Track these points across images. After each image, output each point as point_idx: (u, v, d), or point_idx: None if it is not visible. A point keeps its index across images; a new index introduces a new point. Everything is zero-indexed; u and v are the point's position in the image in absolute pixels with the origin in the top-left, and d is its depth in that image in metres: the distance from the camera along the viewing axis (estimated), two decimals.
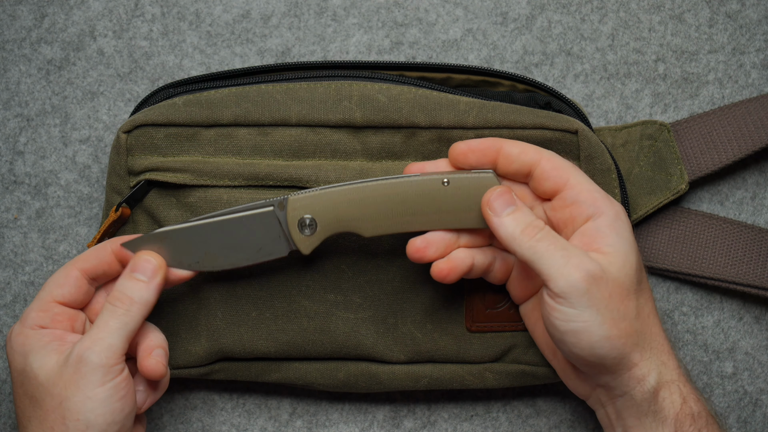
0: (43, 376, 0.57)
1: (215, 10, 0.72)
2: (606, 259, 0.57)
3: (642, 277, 0.59)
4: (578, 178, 0.59)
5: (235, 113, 0.65)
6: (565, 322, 0.56)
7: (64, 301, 0.60)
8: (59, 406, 0.57)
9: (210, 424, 0.72)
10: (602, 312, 0.56)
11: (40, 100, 0.72)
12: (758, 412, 0.72)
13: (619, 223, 0.58)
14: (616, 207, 0.59)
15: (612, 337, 0.56)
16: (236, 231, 0.61)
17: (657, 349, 0.58)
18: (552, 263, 0.56)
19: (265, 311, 0.66)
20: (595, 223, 0.58)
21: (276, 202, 0.60)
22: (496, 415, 0.72)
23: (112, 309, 0.59)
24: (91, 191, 0.72)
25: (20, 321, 0.60)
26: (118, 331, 0.58)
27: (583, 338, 0.56)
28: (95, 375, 0.57)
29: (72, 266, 0.61)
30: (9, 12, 0.73)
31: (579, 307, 0.56)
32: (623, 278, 0.57)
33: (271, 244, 0.61)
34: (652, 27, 0.72)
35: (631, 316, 0.57)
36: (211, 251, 0.61)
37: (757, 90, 0.73)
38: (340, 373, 0.67)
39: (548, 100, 0.67)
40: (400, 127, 0.65)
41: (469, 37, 0.72)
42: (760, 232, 0.70)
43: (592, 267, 0.56)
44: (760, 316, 0.72)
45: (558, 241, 0.57)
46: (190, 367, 0.67)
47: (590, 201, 0.58)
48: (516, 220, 0.58)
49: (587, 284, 0.55)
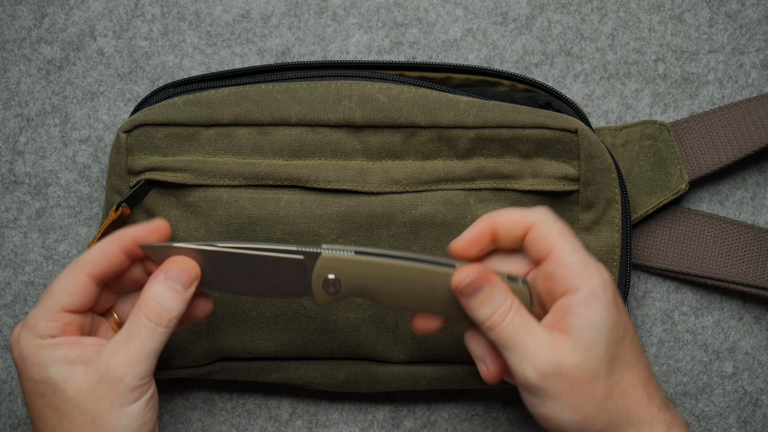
0: (71, 390, 0.55)
1: (215, 10, 0.72)
2: (570, 343, 0.55)
3: (619, 352, 0.56)
4: (561, 249, 0.57)
5: (235, 113, 0.65)
6: (531, 406, 0.57)
7: (73, 309, 0.57)
8: (92, 421, 0.55)
9: (210, 424, 0.72)
10: (563, 401, 0.55)
11: (40, 100, 0.72)
12: (758, 412, 0.72)
13: (593, 300, 0.56)
14: (594, 281, 0.56)
15: (576, 422, 0.55)
16: (259, 266, 0.58)
17: (635, 422, 0.56)
18: (511, 356, 0.56)
19: (265, 311, 0.66)
20: (567, 301, 0.56)
21: (308, 254, 0.57)
22: (496, 415, 0.72)
23: (152, 327, 0.56)
24: (91, 191, 0.72)
25: (28, 329, 0.57)
26: (156, 352, 0.56)
27: (549, 423, 0.56)
28: (132, 395, 0.55)
29: (80, 272, 0.57)
30: (9, 12, 0.73)
31: (539, 396, 0.56)
32: (587, 364, 0.55)
33: (288, 286, 0.58)
34: (652, 27, 0.73)
35: (598, 398, 0.55)
36: (228, 276, 0.58)
37: (757, 90, 0.73)
38: (340, 373, 0.67)
39: (548, 100, 0.67)
40: (399, 126, 0.65)
41: (469, 37, 0.72)
42: (760, 232, 0.70)
43: (547, 364, 0.55)
44: (760, 316, 0.72)
45: (518, 331, 0.56)
46: (190, 367, 0.67)
47: (566, 276, 0.56)
48: (482, 305, 0.56)
49: (543, 381, 0.55)
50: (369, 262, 0.57)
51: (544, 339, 0.56)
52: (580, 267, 0.56)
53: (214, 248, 0.57)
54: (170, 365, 0.67)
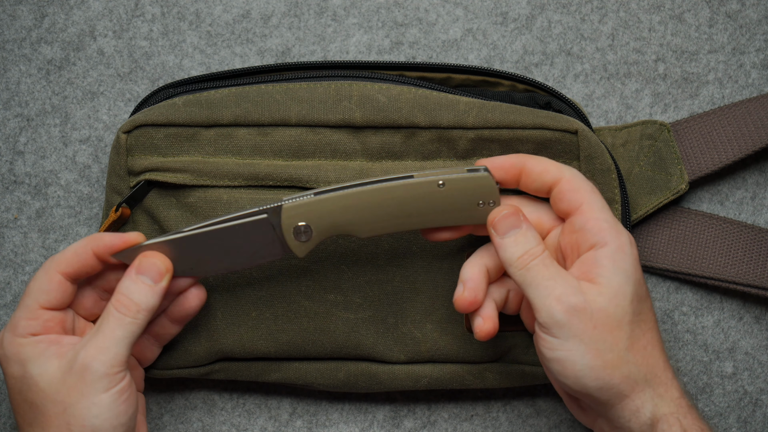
0: (44, 382, 0.57)
1: (215, 10, 0.72)
2: (596, 289, 0.56)
3: (642, 309, 0.58)
4: (591, 205, 0.59)
5: (235, 113, 0.65)
6: (550, 350, 0.57)
7: (50, 306, 0.59)
8: (63, 412, 0.56)
9: (210, 424, 0.72)
10: (586, 342, 0.56)
11: (40, 100, 0.72)
12: (758, 412, 0.72)
13: (620, 255, 0.57)
14: (622, 238, 0.58)
15: (596, 368, 0.56)
16: (229, 238, 0.60)
17: (653, 381, 0.57)
18: (537, 293, 0.56)
19: (265, 311, 0.66)
20: (595, 253, 0.57)
21: (270, 210, 0.59)
22: (496, 415, 0.72)
23: (119, 317, 0.58)
24: (91, 191, 0.72)
25: (9, 329, 0.59)
26: (124, 341, 0.58)
27: (567, 367, 0.56)
28: (101, 383, 0.57)
29: (53, 270, 0.59)
30: (9, 12, 0.73)
31: (562, 336, 0.56)
32: (612, 309, 0.56)
33: (265, 249, 0.60)
34: (652, 27, 0.72)
35: (620, 347, 0.56)
36: (204, 258, 0.60)
37: (757, 90, 0.72)
38: (340, 372, 0.67)
39: (548, 100, 0.67)
40: (399, 127, 0.65)
41: (469, 37, 0.72)
42: (760, 232, 0.70)
43: (575, 300, 0.56)
44: (760, 316, 0.72)
45: (548, 270, 0.57)
46: (190, 367, 0.67)
47: (596, 230, 0.58)
48: (516, 244, 0.58)
49: (567, 316, 0.55)
50: (330, 198, 0.58)
51: (572, 282, 0.57)
52: (610, 223, 0.58)
53: (182, 234, 0.59)
54: (170, 365, 0.67)
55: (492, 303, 0.61)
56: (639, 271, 0.58)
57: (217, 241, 0.60)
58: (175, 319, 0.64)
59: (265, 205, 0.59)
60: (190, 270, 0.61)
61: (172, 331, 0.64)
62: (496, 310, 0.62)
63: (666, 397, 0.57)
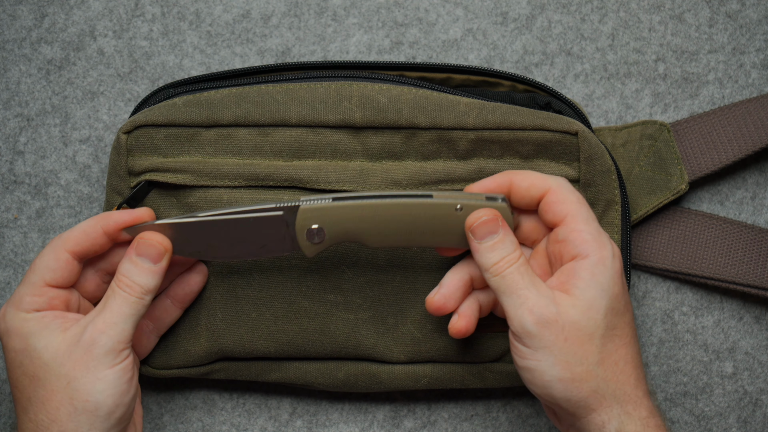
0: (48, 355, 0.57)
1: (215, 10, 0.72)
2: (570, 301, 0.56)
3: (617, 324, 0.57)
4: (575, 217, 0.58)
5: (235, 114, 0.65)
6: (521, 358, 0.57)
7: (55, 284, 0.59)
8: (66, 386, 0.56)
9: (210, 424, 0.72)
10: (555, 354, 0.56)
11: (40, 100, 0.72)
12: (758, 412, 0.72)
13: (600, 268, 0.57)
14: (604, 252, 0.58)
15: (564, 380, 0.56)
16: (242, 229, 0.61)
17: (621, 398, 0.57)
18: (511, 302, 0.57)
19: (265, 312, 0.66)
20: (575, 264, 0.57)
21: (286, 208, 0.60)
22: (496, 415, 0.72)
23: (124, 296, 0.58)
24: (91, 191, 0.72)
25: (12, 304, 0.59)
26: (131, 318, 0.58)
27: (536, 376, 0.56)
28: (107, 358, 0.57)
29: (61, 248, 0.59)
30: (9, 12, 0.73)
31: (532, 346, 0.56)
32: (585, 322, 0.56)
33: (275, 244, 0.61)
34: (652, 27, 0.72)
35: (590, 361, 0.56)
36: (214, 243, 0.61)
37: (757, 90, 0.73)
38: (340, 372, 0.67)
39: (548, 101, 0.67)
40: (400, 127, 0.65)
41: (469, 37, 0.72)
42: (760, 232, 0.70)
43: (546, 311, 0.56)
44: (760, 316, 0.72)
45: (523, 279, 0.57)
46: (190, 366, 0.67)
47: (578, 242, 0.58)
48: (492, 250, 0.58)
49: (539, 328, 0.56)
50: (347, 206, 0.59)
51: (546, 292, 0.57)
52: (593, 235, 0.58)
53: (195, 219, 0.60)
54: (170, 365, 0.67)
55: (474, 303, 0.62)
56: (618, 285, 0.58)
57: (229, 230, 0.61)
58: (177, 299, 0.64)
59: (283, 203, 0.60)
60: (198, 253, 0.61)
61: (173, 315, 0.65)
62: (476, 311, 0.62)
63: (634, 416, 0.56)
